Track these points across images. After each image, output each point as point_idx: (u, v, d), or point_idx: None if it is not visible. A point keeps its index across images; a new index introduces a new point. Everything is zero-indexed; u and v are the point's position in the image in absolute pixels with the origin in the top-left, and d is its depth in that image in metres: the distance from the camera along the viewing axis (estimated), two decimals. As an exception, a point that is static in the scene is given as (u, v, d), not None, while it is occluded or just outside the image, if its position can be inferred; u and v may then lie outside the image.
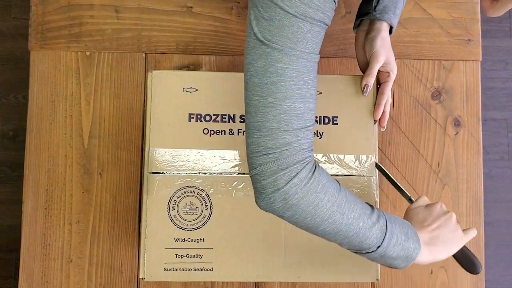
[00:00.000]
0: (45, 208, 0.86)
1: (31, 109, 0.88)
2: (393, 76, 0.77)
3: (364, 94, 0.76)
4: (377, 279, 0.76)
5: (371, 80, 0.75)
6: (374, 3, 0.75)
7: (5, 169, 1.58)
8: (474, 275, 0.88)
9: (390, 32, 0.78)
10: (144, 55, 0.91)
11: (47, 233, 0.86)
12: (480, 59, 0.93)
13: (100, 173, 0.87)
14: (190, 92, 0.78)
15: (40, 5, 0.90)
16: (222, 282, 0.86)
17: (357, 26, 0.80)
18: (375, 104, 0.77)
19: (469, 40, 0.93)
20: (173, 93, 0.78)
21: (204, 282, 0.86)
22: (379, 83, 0.79)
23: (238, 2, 0.92)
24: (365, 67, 0.78)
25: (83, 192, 0.87)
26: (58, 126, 0.88)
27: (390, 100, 0.78)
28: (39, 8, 0.90)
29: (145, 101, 0.88)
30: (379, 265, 0.76)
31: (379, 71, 0.76)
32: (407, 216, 0.71)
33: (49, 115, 0.88)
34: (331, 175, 0.76)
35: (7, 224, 1.56)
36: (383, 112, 0.77)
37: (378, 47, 0.75)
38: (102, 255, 0.86)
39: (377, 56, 0.74)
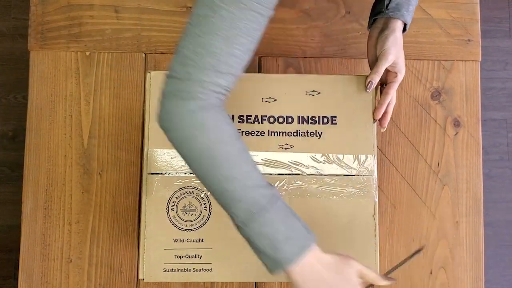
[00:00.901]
0: (45, 208, 0.86)
1: (31, 109, 0.88)
2: (400, 77, 0.76)
3: (368, 90, 0.76)
4: (376, 279, 0.76)
5: (376, 78, 0.75)
6: (386, 1, 0.74)
7: (4, 169, 1.58)
8: (474, 275, 0.88)
9: (404, 29, 0.77)
10: (143, 55, 0.91)
11: (46, 233, 0.86)
12: (480, 59, 0.93)
13: (99, 173, 0.87)
14: (189, 92, 0.78)
15: (40, 5, 0.90)
16: (222, 282, 0.86)
17: (370, 24, 0.80)
18: (378, 104, 0.77)
19: (468, 40, 0.93)
20: None
21: (204, 283, 0.86)
22: (384, 84, 0.78)
23: (238, 2, 0.92)
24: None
25: (82, 192, 0.87)
26: (58, 126, 0.88)
27: (394, 101, 0.77)
28: (38, 8, 0.90)
29: (144, 101, 0.88)
30: (378, 265, 0.76)
31: (387, 70, 0.76)
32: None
33: (48, 115, 0.88)
34: (331, 174, 0.76)
35: (7, 224, 1.56)
36: (385, 113, 0.77)
37: (389, 45, 0.74)
38: (102, 255, 0.86)
39: (387, 55, 0.74)
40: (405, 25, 0.77)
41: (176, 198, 0.75)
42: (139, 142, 0.87)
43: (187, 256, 0.74)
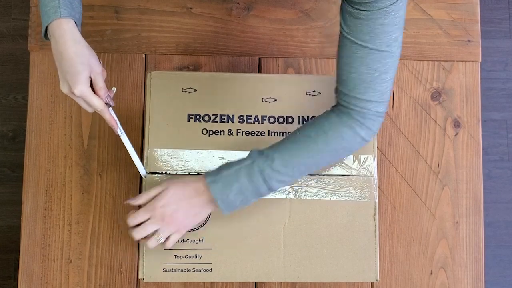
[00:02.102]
0: (45, 208, 0.86)
1: (31, 109, 0.88)
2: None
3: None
4: (376, 280, 0.76)
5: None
6: None
7: (4, 169, 1.58)
8: (474, 275, 0.88)
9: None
10: (144, 55, 0.91)
11: (46, 234, 0.86)
12: (480, 60, 0.93)
13: (99, 174, 0.87)
14: (189, 92, 0.78)
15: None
16: (222, 282, 0.86)
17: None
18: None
19: (468, 41, 0.93)
20: (172, 93, 0.78)
21: (204, 283, 0.86)
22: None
23: (238, 3, 0.92)
24: None
25: (82, 193, 0.87)
26: (58, 126, 0.88)
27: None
28: (39, 9, 0.90)
29: (144, 101, 0.88)
30: (378, 265, 0.76)
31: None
32: None
33: (48, 116, 0.88)
34: (331, 175, 0.77)
35: (7, 225, 1.56)
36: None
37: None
38: (102, 256, 0.86)
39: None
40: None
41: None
42: (139, 142, 0.87)
43: (186, 256, 0.74)
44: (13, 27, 1.63)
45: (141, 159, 0.77)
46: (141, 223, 0.70)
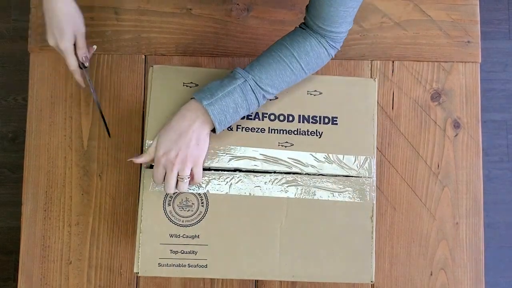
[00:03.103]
0: (45, 210, 0.86)
1: (31, 111, 0.88)
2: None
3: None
4: (371, 281, 0.76)
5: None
6: None
7: (4, 171, 1.58)
8: (474, 276, 0.88)
9: None
10: (143, 56, 0.91)
11: (46, 235, 0.86)
12: (480, 61, 0.93)
13: (99, 175, 0.87)
14: (190, 87, 0.78)
15: (40, 7, 0.90)
16: (222, 280, 0.86)
17: None
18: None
19: (468, 42, 0.93)
20: (174, 87, 0.78)
21: (204, 281, 0.86)
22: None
23: (238, 4, 0.92)
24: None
25: (82, 194, 0.87)
26: (58, 127, 0.88)
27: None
28: (39, 10, 0.90)
29: (144, 102, 0.88)
30: (374, 267, 0.76)
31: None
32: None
33: (48, 117, 0.88)
34: (330, 175, 0.77)
35: (7, 226, 1.56)
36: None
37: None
38: (102, 257, 0.86)
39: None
40: None
41: (173, 193, 0.75)
42: (139, 143, 0.88)
43: (182, 251, 0.74)
44: (13, 28, 1.63)
45: (140, 152, 0.77)
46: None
